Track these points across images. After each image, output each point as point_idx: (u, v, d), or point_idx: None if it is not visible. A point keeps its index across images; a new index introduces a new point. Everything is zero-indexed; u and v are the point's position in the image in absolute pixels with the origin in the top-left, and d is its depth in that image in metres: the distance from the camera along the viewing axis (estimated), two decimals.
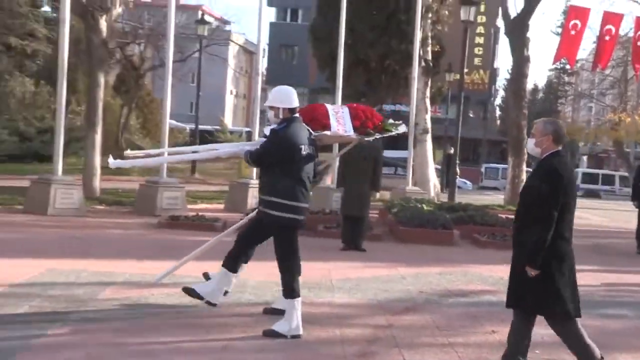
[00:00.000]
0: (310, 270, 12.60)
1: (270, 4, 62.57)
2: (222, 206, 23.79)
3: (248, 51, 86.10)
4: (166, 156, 15.97)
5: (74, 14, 22.83)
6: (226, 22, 60.12)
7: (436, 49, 34.61)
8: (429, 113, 32.54)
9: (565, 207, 7.16)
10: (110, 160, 9.94)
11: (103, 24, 25.62)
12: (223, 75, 78.43)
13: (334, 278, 12.43)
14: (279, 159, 8.60)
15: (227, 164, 39.78)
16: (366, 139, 11.31)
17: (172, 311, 9.25)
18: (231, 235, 9.90)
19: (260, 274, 11.71)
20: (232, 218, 18.85)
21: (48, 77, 32.64)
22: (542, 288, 7.09)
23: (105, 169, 25.41)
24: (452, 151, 36.78)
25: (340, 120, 10.20)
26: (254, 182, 23.50)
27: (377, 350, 7.71)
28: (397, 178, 36.62)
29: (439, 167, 37.25)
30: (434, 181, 32.25)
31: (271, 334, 8.47)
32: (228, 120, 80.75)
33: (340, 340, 8.06)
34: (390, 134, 11.50)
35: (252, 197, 22.66)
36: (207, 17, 44.20)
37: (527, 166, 31.94)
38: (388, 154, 35.54)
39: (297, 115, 9.03)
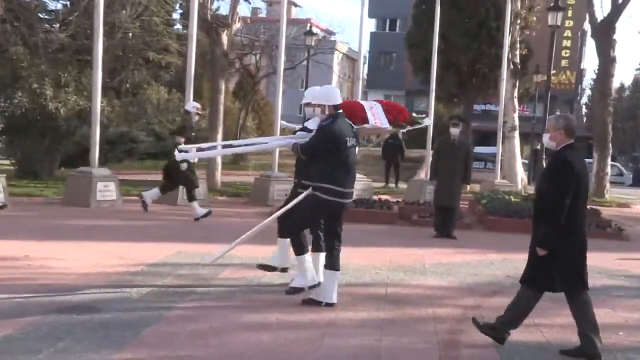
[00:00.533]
0: (405, 256, 12.90)
1: (370, 15, 62.24)
2: None
3: (350, 58, 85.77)
4: (220, 149, 16.21)
5: (200, 30, 23.52)
6: (331, 33, 60.21)
7: (524, 53, 34.07)
8: (517, 112, 31.94)
9: (577, 195, 7.24)
10: (177, 154, 10.19)
11: (224, 38, 26.27)
12: (328, 80, 77.73)
13: (427, 263, 12.46)
14: (327, 150, 8.84)
15: None
16: (401, 130, 11.80)
17: (282, 290, 9.35)
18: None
19: (359, 258, 11.98)
20: None
21: (178, 86, 33.30)
22: (552, 266, 7.27)
23: (225, 164, 26.00)
24: (538, 147, 36.25)
25: (375, 114, 10.37)
26: (357, 176, 23.80)
27: (466, 328, 7.68)
28: (486, 172, 36.17)
29: (526, 161, 36.75)
30: (521, 174, 31.61)
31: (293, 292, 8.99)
32: None
33: (432, 319, 8.07)
34: (419, 125, 11.96)
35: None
36: (314, 29, 44.26)
37: (613, 160, 31.38)
38: (478, 149, 35.30)
39: (340, 111, 9.23)
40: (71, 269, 10.19)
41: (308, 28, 40.61)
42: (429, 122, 11.91)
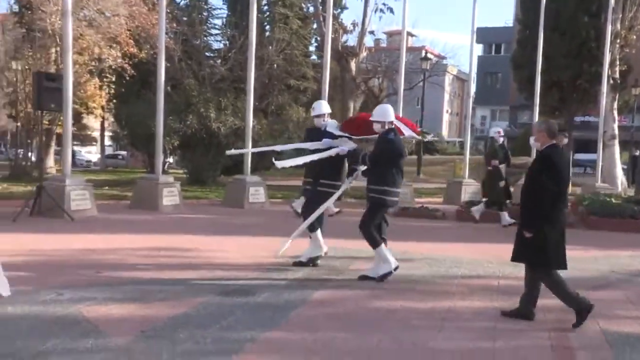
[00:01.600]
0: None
1: (478, 41, 61.46)
2: (441, 200, 23.59)
3: (460, 79, 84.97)
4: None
5: (332, 59, 23.74)
6: (443, 58, 59.57)
7: (624, 68, 32.89)
8: (616, 122, 30.86)
9: (560, 191, 7.27)
10: (276, 161, 10.19)
11: (353, 65, 26.54)
12: (441, 99, 77.77)
13: None
14: (391, 158, 9.14)
15: (445, 167, 39.50)
16: (425, 139, 13.02)
17: (407, 280, 9.32)
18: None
19: (472, 253, 11.85)
20: (448, 209, 19.00)
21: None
22: (534, 246, 7.22)
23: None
24: (637, 153, 35.18)
25: (402, 127, 10.37)
26: (466, 180, 23.62)
27: (572, 318, 7.23)
28: (586, 176, 35.30)
29: (625, 166, 35.55)
30: (620, 178, 30.41)
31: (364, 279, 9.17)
32: (444, 133, 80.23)
33: (541, 309, 7.67)
34: (428, 137, 13.04)
35: (465, 193, 22.71)
36: (429, 55, 44.10)
37: None
38: (578, 156, 34.34)
39: (393, 126, 9.41)
40: (231, 259, 10.50)
41: (423, 54, 40.52)
42: (432, 137, 12.12)
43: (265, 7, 44.25)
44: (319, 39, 39.98)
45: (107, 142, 55.25)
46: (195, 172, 27.52)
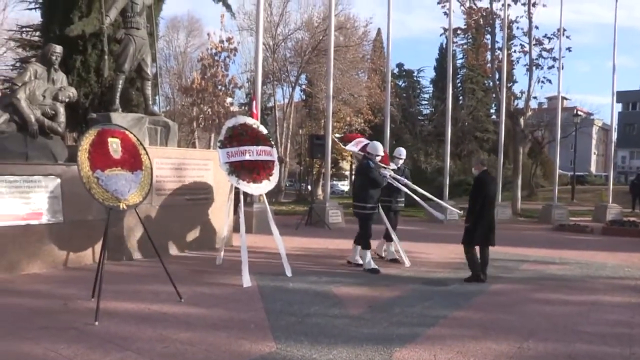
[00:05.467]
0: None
1: (618, 101, 56.41)
2: (590, 219, 21.56)
3: (604, 129, 77.73)
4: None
5: (506, 117, 22.87)
6: (590, 114, 54.97)
7: None
8: None
9: (486, 196, 8.08)
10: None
11: (521, 121, 25.23)
12: (589, 144, 71.73)
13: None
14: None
15: (593, 194, 36.35)
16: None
17: (563, 279, 8.72)
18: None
19: (615, 260, 10.85)
20: (596, 226, 17.53)
21: (494, 151, 32.61)
22: (470, 233, 8.11)
23: (525, 197, 24.75)
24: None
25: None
26: (610, 204, 21.68)
27: None
28: None
29: None
30: None
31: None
32: (592, 169, 73.87)
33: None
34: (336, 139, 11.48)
35: (609, 214, 20.85)
36: (579, 112, 41.02)
37: None
38: None
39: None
40: (432, 259, 10.38)
41: (575, 112, 37.69)
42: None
43: (459, 84, 43.66)
44: (496, 104, 38.56)
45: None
46: (407, 199, 27.43)
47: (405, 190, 9.87)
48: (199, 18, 67.31)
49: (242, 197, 9.09)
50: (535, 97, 39.14)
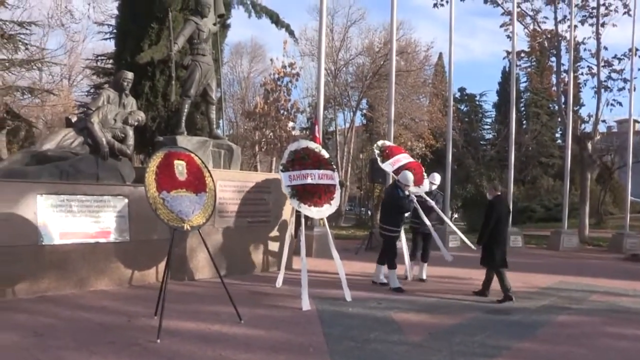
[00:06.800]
0: None
1: None
2: None
3: None
4: None
5: (573, 142, 22.18)
6: None
7: None
8: None
9: (499, 220, 8.53)
10: None
11: (589, 145, 24.33)
12: None
13: None
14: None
15: None
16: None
17: (631, 312, 8.28)
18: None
19: None
20: None
21: (559, 176, 31.58)
22: (491, 256, 8.63)
23: (593, 225, 23.73)
24: None
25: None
26: None
27: None
28: None
29: None
30: None
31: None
32: None
33: None
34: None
35: None
36: None
37: None
38: None
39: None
40: (494, 287, 9.79)
41: None
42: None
43: (523, 108, 42.72)
44: (562, 128, 37.43)
45: None
46: (472, 224, 26.91)
47: (439, 211, 10.32)
48: (262, 44, 68.98)
49: (302, 220, 9.14)
50: (604, 121, 37.67)
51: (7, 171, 8.31)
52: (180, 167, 6.57)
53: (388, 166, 10.45)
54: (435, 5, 23.82)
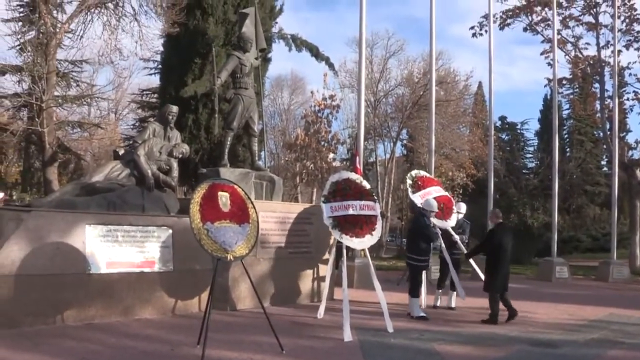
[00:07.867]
0: None
1: None
2: None
3: None
4: None
5: (620, 169, 21.61)
6: None
7: None
8: None
9: (500, 246, 8.94)
10: None
11: (638, 173, 23.67)
12: None
13: None
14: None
15: None
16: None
17: None
18: None
19: None
20: None
21: (606, 205, 30.61)
22: (491, 282, 9.00)
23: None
24: None
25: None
26: None
27: None
28: None
29: None
30: None
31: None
32: None
33: None
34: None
35: None
36: None
37: None
38: None
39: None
40: (540, 319, 9.71)
41: None
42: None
43: (566, 136, 41.92)
44: (607, 155, 36.52)
45: None
46: (514, 255, 26.27)
47: (462, 246, 10.46)
48: (302, 77, 69.95)
49: (344, 251, 9.12)
50: None
51: (58, 202, 8.61)
52: (224, 199, 6.69)
53: (417, 198, 10.31)
54: (474, 34, 23.86)
